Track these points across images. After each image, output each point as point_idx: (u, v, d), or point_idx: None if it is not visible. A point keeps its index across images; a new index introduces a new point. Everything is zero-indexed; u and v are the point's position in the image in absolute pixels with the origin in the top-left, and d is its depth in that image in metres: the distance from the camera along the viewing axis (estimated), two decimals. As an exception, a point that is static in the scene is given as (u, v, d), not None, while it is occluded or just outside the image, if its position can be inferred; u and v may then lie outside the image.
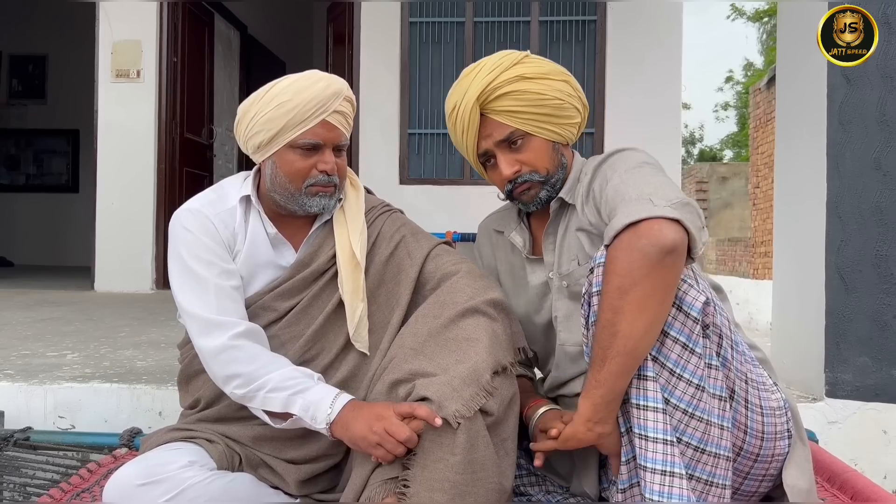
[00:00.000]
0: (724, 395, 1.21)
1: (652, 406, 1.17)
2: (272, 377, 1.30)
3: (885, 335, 2.13)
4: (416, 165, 5.16)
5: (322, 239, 1.48)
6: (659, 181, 1.26)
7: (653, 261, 1.13)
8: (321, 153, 1.41)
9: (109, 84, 5.04)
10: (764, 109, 8.95)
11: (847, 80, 2.14)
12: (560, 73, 1.45)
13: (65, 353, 2.62)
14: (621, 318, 1.15)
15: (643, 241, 1.14)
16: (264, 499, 1.37)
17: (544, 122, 1.42)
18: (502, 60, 1.42)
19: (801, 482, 1.31)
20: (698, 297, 1.18)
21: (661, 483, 1.15)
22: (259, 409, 1.33)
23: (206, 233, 1.40)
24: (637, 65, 4.99)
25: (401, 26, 5.10)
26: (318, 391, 1.31)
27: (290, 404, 1.29)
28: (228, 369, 1.32)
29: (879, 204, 2.12)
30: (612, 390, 1.19)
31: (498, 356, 1.31)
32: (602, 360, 1.17)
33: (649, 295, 1.14)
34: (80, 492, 1.62)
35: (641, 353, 1.17)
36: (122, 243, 5.01)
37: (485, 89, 1.40)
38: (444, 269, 1.46)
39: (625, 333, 1.15)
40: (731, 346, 1.24)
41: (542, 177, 1.44)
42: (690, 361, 1.18)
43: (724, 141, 26.37)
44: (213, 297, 1.36)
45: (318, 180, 1.41)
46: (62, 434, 1.99)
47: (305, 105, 1.37)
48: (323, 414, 1.28)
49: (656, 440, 1.16)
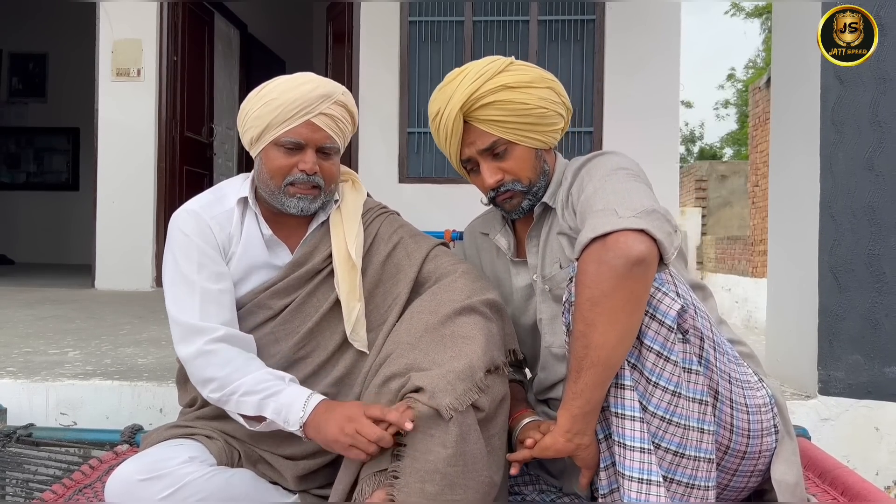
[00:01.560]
0: (704, 398, 1.21)
1: (629, 415, 1.19)
2: (245, 381, 1.32)
3: (877, 333, 2.14)
4: (416, 164, 5.17)
5: (318, 240, 1.50)
6: (627, 188, 1.26)
7: (621, 273, 1.13)
8: (303, 153, 1.42)
9: (110, 82, 5.06)
10: (763, 108, 8.95)
11: (840, 82, 2.16)
12: (543, 79, 1.45)
13: (66, 351, 2.64)
14: (593, 329, 1.16)
15: (610, 255, 1.14)
16: (263, 494, 1.39)
17: (528, 130, 1.43)
18: (487, 68, 1.41)
19: (788, 477, 1.32)
20: (673, 305, 1.19)
21: (638, 490, 1.18)
22: (234, 412, 1.35)
23: (200, 235, 1.42)
24: (636, 64, 5.00)
25: (400, 25, 5.11)
26: (289, 393, 1.32)
27: (262, 408, 1.31)
28: (204, 373, 1.35)
29: (872, 204, 2.14)
30: (588, 401, 1.20)
31: (492, 355, 1.32)
32: (577, 372, 1.19)
33: (620, 307, 1.15)
34: (82, 487, 1.63)
35: (615, 364, 1.18)
36: (123, 241, 5.03)
37: (468, 98, 1.40)
38: (441, 269, 1.48)
39: (598, 344, 1.16)
40: (713, 347, 1.25)
41: (524, 186, 1.45)
42: (665, 369, 1.18)
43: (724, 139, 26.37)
44: (199, 302, 1.38)
45: (296, 178, 1.42)
46: (64, 431, 2.01)
47: (290, 104, 1.40)
48: (295, 416, 1.30)
49: (633, 448, 1.18)
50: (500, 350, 1.37)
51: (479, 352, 1.30)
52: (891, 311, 2.14)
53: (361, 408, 1.26)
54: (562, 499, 1.47)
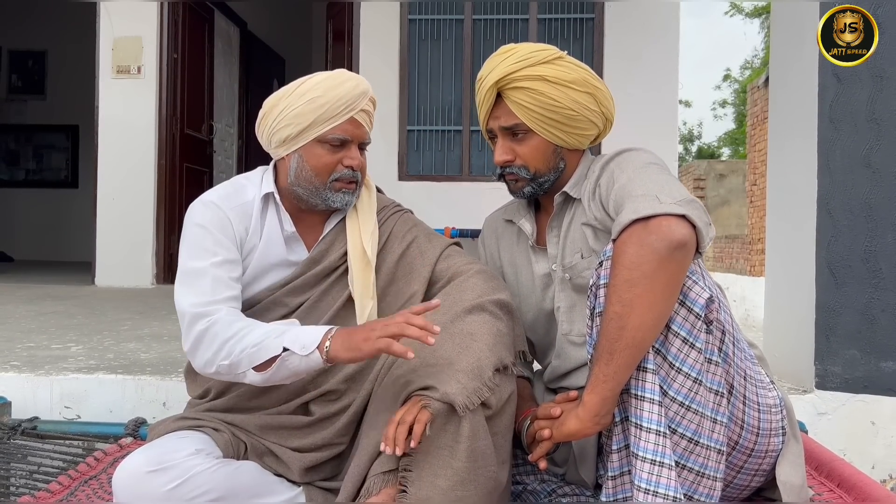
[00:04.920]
0: (721, 390, 1.23)
1: (649, 397, 1.20)
2: (253, 334, 1.30)
3: (873, 329, 2.17)
4: (415, 162, 5.19)
5: (334, 236, 1.51)
6: (664, 179, 1.29)
7: (662, 256, 1.16)
8: (348, 149, 1.45)
9: (110, 80, 5.07)
10: (762, 107, 8.98)
11: (838, 80, 2.18)
12: (587, 83, 1.47)
13: (69, 346, 2.65)
14: (630, 311, 1.17)
15: (653, 237, 1.17)
16: (268, 486, 1.40)
17: (551, 125, 1.45)
18: (534, 55, 1.44)
19: (793, 478, 1.34)
20: (702, 293, 1.20)
21: (650, 472, 1.19)
22: (249, 369, 1.31)
23: (218, 225, 1.42)
24: (634, 62, 5.01)
25: (400, 24, 5.12)
26: (300, 328, 1.31)
27: (276, 346, 1.27)
28: (212, 346, 1.32)
29: (869, 200, 2.16)
30: (620, 383, 1.21)
31: (500, 354, 1.34)
32: (610, 354, 1.19)
33: (659, 289, 1.17)
34: (87, 479, 1.65)
35: (647, 346, 1.20)
36: (123, 238, 5.04)
37: (504, 76, 1.43)
38: (454, 269, 1.49)
39: (634, 326, 1.17)
40: (732, 342, 1.27)
41: (529, 174, 1.48)
42: (689, 356, 1.20)
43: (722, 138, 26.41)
44: (208, 286, 1.37)
45: (342, 175, 1.44)
46: (68, 424, 2.03)
47: (336, 102, 1.41)
48: (312, 338, 1.26)
49: (650, 430, 1.19)
50: (508, 349, 1.38)
51: (486, 350, 1.32)
52: (887, 307, 2.16)
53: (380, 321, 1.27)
54: (563, 488, 1.48)
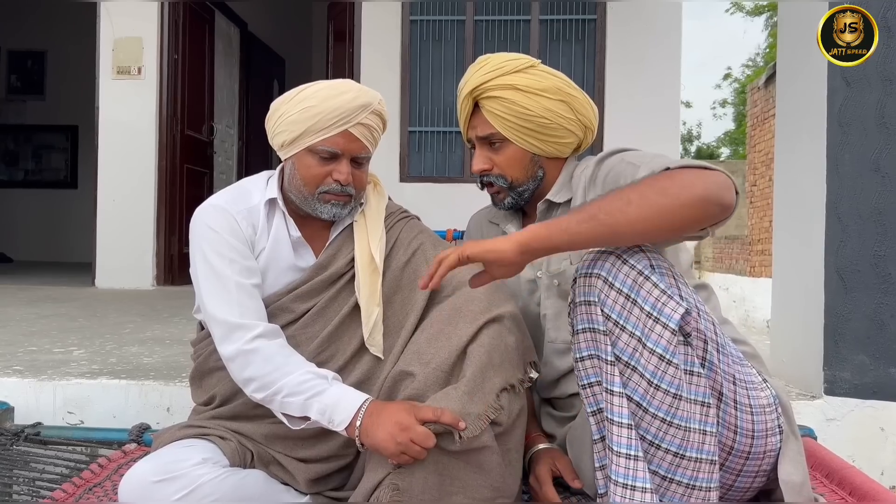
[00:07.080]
0: (706, 400, 1.21)
1: (618, 421, 1.19)
2: (287, 381, 1.31)
3: (882, 334, 2.15)
4: (417, 163, 5.18)
5: (341, 242, 1.50)
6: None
7: (709, 196, 1.15)
8: (338, 162, 1.42)
9: (111, 81, 5.06)
10: (761, 107, 8.98)
11: (847, 83, 2.17)
12: (559, 91, 1.46)
13: (71, 350, 2.63)
14: (639, 207, 1.15)
15: (711, 180, 1.16)
16: (275, 496, 1.39)
17: (525, 133, 1.46)
18: (505, 64, 1.45)
19: (794, 476, 1.32)
20: (677, 308, 1.18)
21: (622, 495, 1.18)
22: (279, 412, 1.35)
23: (229, 229, 1.41)
24: (637, 64, 5.01)
25: (401, 24, 5.11)
26: (333, 393, 1.31)
27: (306, 408, 1.30)
28: (245, 373, 1.33)
29: (878, 205, 2.15)
30: (568, 243, 1.19)
31: (507, 375, 1.33)
32: (591, 217, 1.17)
33: (676, 216, 1.16)
34: (91, 486, 1.63)
35: (618, 241, 1.18)
36: (123, 240, 5.03)
37: (478, 86, 1.46)
38: (459, 277, 1.47)
39: (629, 218, 1.15)
40: (716, 349, 1.25)
41: (506, 182, 1.49)
42: (667, 372, 1.18)
43: (722, 138, 26.45)
44: (235, 296, 1.37)
45: (331, 188, 1.42)
46: (72, 429, 2.01)
47: (330, 113, 1.38)
48: (341, 417, 1.29)
49: (619, 454, 1.19)
50: (517, 366, 1.37)
51: (492, 371, 1.31)
52: (896, 312, 2.15)
53: (412, 412, 1.24)
54: (569, 499, 1.47)
